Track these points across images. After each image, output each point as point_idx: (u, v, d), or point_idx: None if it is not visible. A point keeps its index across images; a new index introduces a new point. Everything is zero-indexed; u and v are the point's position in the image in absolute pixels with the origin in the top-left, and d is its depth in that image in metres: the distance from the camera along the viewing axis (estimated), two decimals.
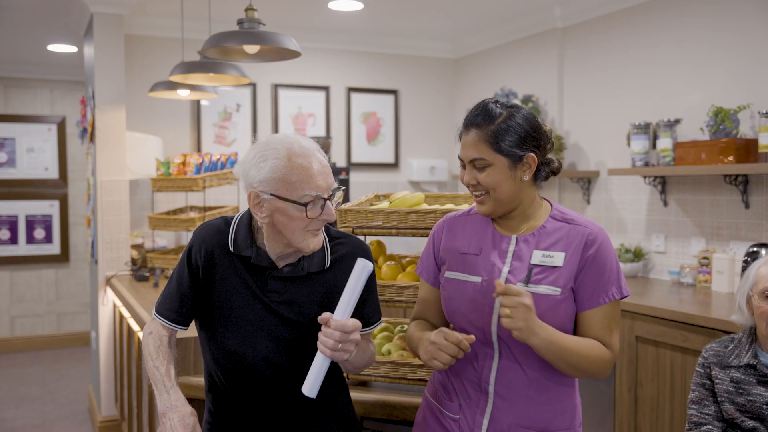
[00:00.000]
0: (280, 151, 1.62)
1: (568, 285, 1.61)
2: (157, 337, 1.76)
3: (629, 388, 3.39)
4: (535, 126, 1.64)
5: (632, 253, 4.15)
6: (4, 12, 4.68)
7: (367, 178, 5.74)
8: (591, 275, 1.61)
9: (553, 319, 1.59)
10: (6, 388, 5.60)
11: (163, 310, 1.78)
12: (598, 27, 4.55)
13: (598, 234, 1.64)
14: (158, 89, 4.09)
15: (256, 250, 1.71)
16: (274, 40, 2.80)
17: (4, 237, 6.70)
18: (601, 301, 1.61)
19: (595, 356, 1.59)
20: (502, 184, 1.63)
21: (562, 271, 1.61)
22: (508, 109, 1.64)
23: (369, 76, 5.77)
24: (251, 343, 1.72)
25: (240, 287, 1.72)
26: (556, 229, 1.66)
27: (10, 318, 6.78)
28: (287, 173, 1.61)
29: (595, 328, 1.62)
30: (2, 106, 6.71)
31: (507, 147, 1.61)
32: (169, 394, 1.64)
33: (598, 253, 1.62)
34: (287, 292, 1.71)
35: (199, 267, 1.74)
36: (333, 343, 1.54)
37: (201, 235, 1.77)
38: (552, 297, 1.60)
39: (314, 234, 1.66)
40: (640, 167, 3.94)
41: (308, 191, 1.61)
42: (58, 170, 6.87)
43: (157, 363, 1.71)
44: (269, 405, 1.77)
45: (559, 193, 4.87)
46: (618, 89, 4.41)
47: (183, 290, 1.76)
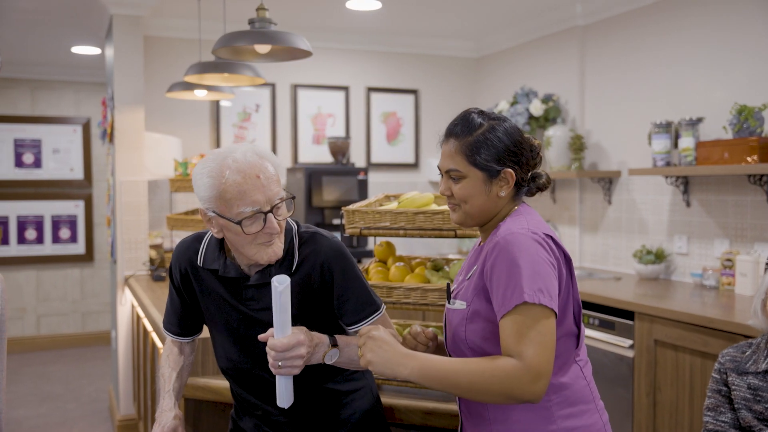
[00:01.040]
0: (214, 168, 1.60)
1: (471, 295, 1.56)
2: (168, 347, 1.90)
3: (648, 393, 3.32)
4: (516, 141, 1.58)
5: (654, 255, 4.07)
6: (28, 15, 4.74)
7: (386, 178, 5.71)
8: (494, 284, 1.48)
9: (467, 333, 1.55)
10: (30, 386, 5.68)
11: (166, 323, 1.90)
12: (619, 24, 4.47)
13: (501, 240, 1.49)
14: (175, 90, 4.11)
15: (224, 262, 1.72)
16: (285, 40, 2.79)
17: (31, 237, 6.79)
18: (503, 310, 1.44)
19: (495, 368, 1.39)
20: (475, 197, 1.58)
21: (469, 284, 1.59)
22: (491, 121, 1.58)
23: (389, 76, 5.75)
24: (240, 352, 1.75)
25: (218, 300, 1.75)
26: (490, 239, 1.59)
27: (36, 317, 6.88)
28: (222, 191, 1.59)
29: (504, 339, 1.43)
30: (29, 108, 6.81)
31: (483, 160, 1.55)
32: (164, 399, 1.76)
33: (498, 260, 1.48)
34: (263, 298, 1.71)
35: (179, 284, 1.81)
36: (272, 362, 1.55)
37: (175, 253, 1.83)
38: (461, 311, 1.57)
39: (266, 245, 1.64)
40: (661, 167, 3.86)
41: (244, 207, 1.58)
42: (83, 171, 6.95)
43: (164, 370, 1.84)
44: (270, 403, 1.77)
45: (580, 193, 4.79)
46: (639, 87, 4.33)
47: (175, 306, 1.86)
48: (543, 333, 1.40)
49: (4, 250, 6.70)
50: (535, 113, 4.79)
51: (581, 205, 4.80)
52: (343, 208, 2.37)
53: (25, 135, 6.76)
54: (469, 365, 1.42)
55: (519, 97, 4.94)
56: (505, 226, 1.54)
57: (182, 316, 1.85)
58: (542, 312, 1.41)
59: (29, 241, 6.78)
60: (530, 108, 4.81)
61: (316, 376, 1.77)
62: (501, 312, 1.44)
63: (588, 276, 4.35)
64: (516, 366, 1.38)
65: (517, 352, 1.39)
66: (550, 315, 1.42)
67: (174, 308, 1.86)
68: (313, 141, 5.54)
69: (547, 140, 4.71)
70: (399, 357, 1.44)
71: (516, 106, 4.90)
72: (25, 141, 6.76)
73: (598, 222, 4.66)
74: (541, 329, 1.40)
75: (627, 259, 4.40)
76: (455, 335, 1.57)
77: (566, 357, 1.55)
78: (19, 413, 5.01)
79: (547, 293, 1.42)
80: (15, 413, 5.01)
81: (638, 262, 4.10)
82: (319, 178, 4.95)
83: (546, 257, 1.46)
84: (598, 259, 4.66)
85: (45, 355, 6.67)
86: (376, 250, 2.63)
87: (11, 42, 5.57)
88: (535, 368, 1.38)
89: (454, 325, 1.57)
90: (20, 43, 5.63)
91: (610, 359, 3.53)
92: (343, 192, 4.99)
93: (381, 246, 2.62)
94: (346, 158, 5.28)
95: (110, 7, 4.31)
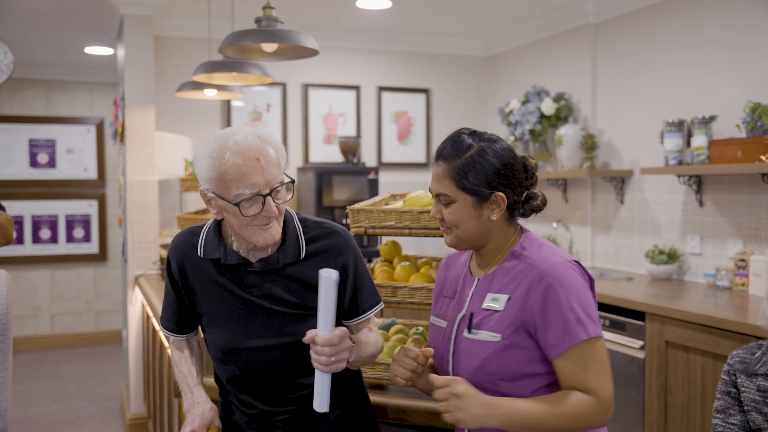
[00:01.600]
0: (215, 149, 1.60)
1: (509, 329, 1.50)
2: (176, 344, 1.89)
3: (659, 395, 3.27)
4: (507, 163, 1.52)
5: (666, 255, 4.02)
6: (42, 16, 4.78)
7: (398, 177, 5.69)
8: (545, 320, 1.46)
9: (498, 366, 1.50)
10: (44, 384, 5.72)
11: (163, 321, 1.88)
12: (631, 22, 4.42)
13: (547, 274, 1.48)
14: (185, 89, 4.11)
15: (224, 250, 1.71)
16: (291, 38, 2.78)
17: (45, 236, 6.84)
18: (564, 346, 1.45)
19: (576, 410, 1.43)
20: (465, 222, 1.54)
21: (502, 315, 1.51)
22: (481, 142, 1.53)
23: (400, 75, 5.73)
24: (243, 342, 1.73)
25: (218, 290, 1.74)
26: (510, 267, 1.55)
27: (51, 315, 6.93)
28: (222, 172, 1.59)
29: (569, 376, 1.46)
30: (44, 109, 6.86)
31: (472, 185, 1.51)
32: (192, 392, 1.75)
33: (548, 296, 1.46)
34: (265, 285, 1.71)
35: (176, 279, 1.80)
36: (326, 359, 1.54)
37: (172, 247, 1.81)
38: (492, 343, 1.51)
39: (263, 228, 1.64)
40: (673, 166, 3.81)
41: (242, 189, 1.58)
42: (97, 171, 6.99)
43: (181, 367, 1.84)
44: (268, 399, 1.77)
45: (592, 193, 4.75)
46: (652, 85, 4.28)
47: (172, 302, 1.84)
48: (603, 362, 1.47)
49: (19, 249, 6.75)
50: (546, 112, 4.75)
51: (593, 205, 4.76)
52: (348, 207, 2.36)
53: (39, 135, 6.81)
54: (554, 410, 1.43)
55: (530, 95, 4.90)
56: (535, 255, 1.52)
57: (180, 313, 1.83)
58: (597, 341, 1.47)
59: (44, 240, 6.84)
60: (542, 107, 4.77)
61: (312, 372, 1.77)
62: (562, 348, 1.45)
63: (600, 276, 4.31)
64: (593, 403, 1.44)
65: (590, 389, 1.45)
66: (601, 340, 1.48)
67: (171, 305, 1.83)
68: (324, 140, 5.53)
69: (559, 139, 4.67)
70: (485, 409, 1.42)
71: (527, 105, 4.87)
72: (40, 141, 6.81)
73: (610, 222, 4.61)
74: (602, 359, 1.47)
75: (639, 259, 4.36)
76: (482, 368, 1.51)
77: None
78: (32, 411, 5.05)
79: (597, 321, 1.49)
80: (28, 411, 5.05)
81: (650, 263, 4.06)
82: (330, 177, 4.94)
83: (585, 285, 1.52)
84: (610, 260, 4.62)
85: (59, 354, 6.71)
86: (381, 249, 2.61)
87: (26, 43, 5.61)
88: (607, 400, 1.46)
89: (482, 358, 1.51)
90: (35, 44, 5.67)
91: (621, 360, 3.49)
92: (353, 192, 4.99)
93: (387, 245, 2.61)
94: (357, 158, 5.27)
95: (121, 7, 4.33)
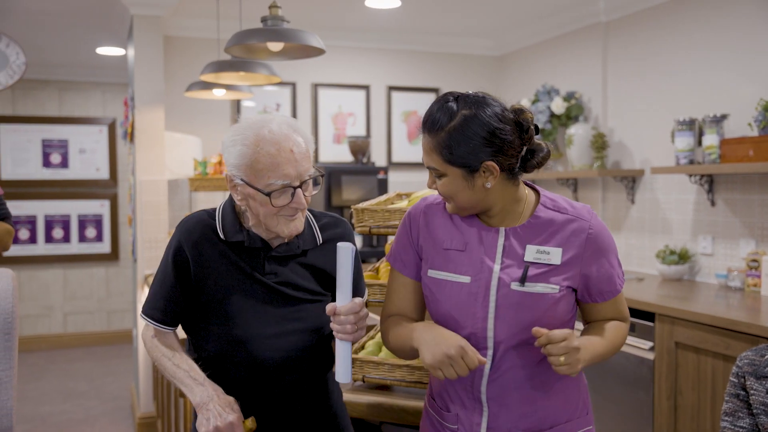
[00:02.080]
0: (249, 137, 1.60)
1: (566, 282, 1.52)
2: (162, 339, 1.73)
3: (668, 396, 3.24)
4: (493, 130, 1.44)
5: (677, 255, 3.98)
6: (54, 17, 4.80)
7: (408, 177, 5.68)
8: (598, 271, 1.56)
9: (552, 318, 1.51)
10: (55, 383, 5.75)
11: (148, 309, 1.73)
12: (642, 20, 4.38)
13: (597, 225, 1.57)
14: (194, 89, 4.12)
15: (247, 233, 1.69)
16: (297, 37, 2.77)
17: (58, 236, 6.89)
18: (613, 292, 1.60)
19: (623, 336, 1.65)
20: (459, 193, 1.51)
21: (560, 269, 1.52)
22: (465, 110, 1.45)
23: (410, 75, 5.71)
24: (257, 328, 1.68)
25: (236, 274, 1.68)
26: (549, 219, 1.54)
27: (63, 315, 6.97)
28: (254, 161, 1.58)
29: (609, 313, 1.64)
30: (57, 109, 6.91)
31: (459, 158, 1.46)
32: (204, 385, 1.61)
33: (602, 249, 1.56)
34: (284, 272, 1.70)
35: (188, 262, 1.68)
36: (351, 326, 1.56)
37: (186, 228, 1.70)
38: (551, 296, 1.50)
39: (289, 219, 1.64)
40: (684, 165, 3.77)
41: (274, 179, 1.58)
42: (109, 171, 7.03)
43: (177, 360, 1.67)
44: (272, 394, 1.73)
45: (603, 192, 4.71)
46: (663, 84, 4.24)
47: (167, 289, 1.70)
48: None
49: (32, 248, 6.80)
50: (556, 111, 4.72)
51: (604, 205, 4.72)
52: (352, 207, 2.34)
53: (52, 135, 6.86)
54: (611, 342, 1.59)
55: (540, 95, 4.87)
56: (575, 207, 1.57)
57: (171, 301, 1.70)
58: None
59: (56, 240, 6.88)
60: (551, 106, 4.74)
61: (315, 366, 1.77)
62: (612, 295, 1.59)
63: None
64: (626, 326, 1.67)
65: (624, 316, 1.66)
66: None
67: (166, 292, 1.69)
68: (333, 140, 5.53)
69: (569, 138, 4.64)
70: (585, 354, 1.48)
71: (537, 104, 4.84)
72: (53, 141, 6.86)
73: (621, 222, 4.57)
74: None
75: (650, 259, 4.31)
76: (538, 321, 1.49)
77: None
78: (44, 409, 5.08)
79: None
80: (40, 409, 5.08)
81: (661, 263, 4.01)
82: (339, 177, 4.93)
83: None
84: (621, 260, 4.56)
85: (71, 353, 6.75)
86: (387, 249, 2.60)
87: (39, 44, 5.64)
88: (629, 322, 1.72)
89: (539, 311, 1.49)
90: (47, 45, 5.71)
91: (630, 361, 3.45)
92: (363, 191, 4.97)
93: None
94: (367, 157, 5.26)
95: (131, 8, 4.34)
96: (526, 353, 1.53)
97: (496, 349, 1.53)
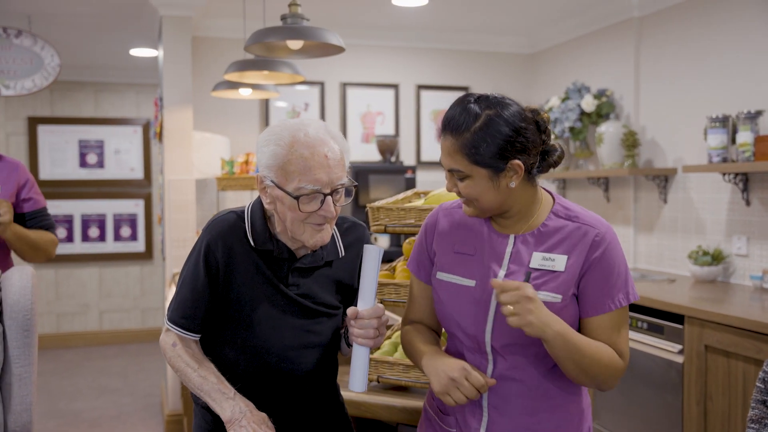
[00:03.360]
0: (284, 138, 1.56)
1: (569, 291, 1.46)
2: (184, 348, 1.69)
3: (698, 402, 3.14)
4: (518, 128, 1.43)
5: (711, 256, 3.86)
6: (87, 19, 4.88)
7: (437, 176, 5.63)
8: (597, 279, 1.47)
9: None
10: (90, 380, 5.85)
11: (177, 318, 1.68)
12: (676, 15, 4.27)
13: (606, 234, 1.48)
14: (220, 89, 4.14)
15: (276, 243, 1.66)
16: (315, 35, 2.76)
17: (94, 235, 7.01)
18: (608, 307, 1.47)
19: (608, 362, 1.45)
20: (484, 195, 1.47)
21: (563, 276, 1.46)
22: (488, 110, 1.44)
23: (439, 73, 5.67)
24: (276, 340, 1.66)
25: (261, 282, 1.66)
26: (558, 227, 1.50)
27: (99, 312, 7.09)
28: (286, 162, 1.55)
29: (604, 334, 1.48)
30: (93, 110, 7.02)
31: (485, 158, 1.43)
32: (235, 400, 1.58)
33: (605, 256, 1.47)
34: (305, 283, 1.68)
35: (218, 265, 1.64)
36: (373, 331, 1.53)
37: (217, 231, 1.66)
38: (552, 304, 1.45)
39: (316, 228, 1.59)
40: (716, 163, 3.66)
41: (305, 184, 1.54)
42: (143, 170, 7.12)
43: (203, 372, 1.63)
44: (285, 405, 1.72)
45: (635, 192, 4.60)
46: (696, 80, 4.12)
47: (198, 294, 1.65)
48: (627, 329, 1.52)
49: (69, 247, 6.93)
50: (586, 109, 4.63)
51: (636, 204, 4.61)
52: (367, 205, 2.32)
53: (88, 136, 6.98)
54: (593, 349, 1.44)
55: (570, 92, 4.78)
56: (590, 217, 1.51)
57: (200, 307, 1.66)
58: (628, 308, 1.52)
59: (92, 238, 7.00)
60: (582, 104, 4.65)
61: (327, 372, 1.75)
62: (603, 309, 1.47)
63: (641, 278, 4.17)
64: (621, 363, 1.48)
65: (621, 351, 1.48)
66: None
67: (195, 296, 1.64)
68: (362, 139, 5.51)
69: (599, 137, 4.54)
70: (548, 318, 1.38)
71: (567, 102, 4.75)
72: (89, 142, 6.98)
73: (653, 222, 4.47)
74: (627, 325, 1.52)
75: (683, 260, 4.20)
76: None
77: None
78: (78, 405, 5.16)
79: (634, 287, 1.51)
80: (74, 405, 5.17)
81: (693, 264, 3.90)
82: (366, 176, 4.92)
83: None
84: (653, 261, 4.47)
85: (106, 350, 6.87)
86: (404, 247, 2.56)
87: (75, 47, 5.75)
88: (626, 365, 1.50)
89: None
90: (83, 47, 5.81)
91: (659, 365, 3.36)
92: (390, 191, 4.95)
93: (409, 244, 2.56)
94: (395, 156, 5.23)
95: (160, 9, 4.39)
96: (527, 362, 1.50)
97: (496, 356, 1.51)
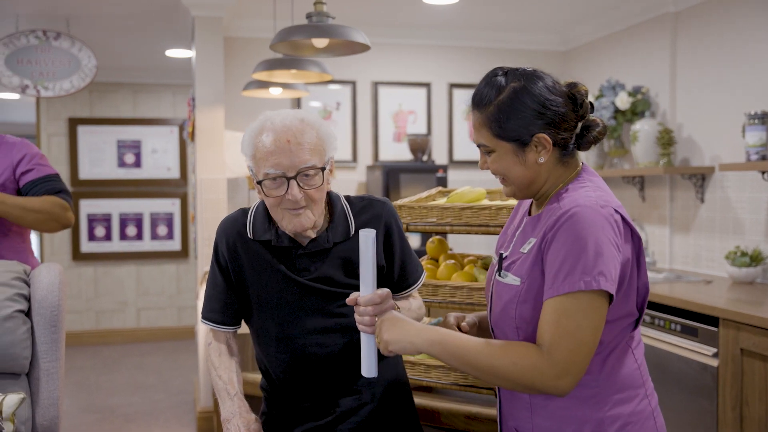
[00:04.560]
0: (255, 128, 1.63)
1: (529, 273, 1.41)
2: (216, 347, 1.79)
3: (734, 407, 3.05)
4: (544, 101, 1.39)
5: (749, 257, 3.75)
6: (122, 21, 4.96)
7: (469, 175, 5.58)
8: (549, 260, 1.35)
9: (518, 312, 1.41)
10: (127, 376, 5.94)
11: (206, 312, 1.79)
12: (713, 9, 4.16)
13: (565, 213, 1.35)
14: (250, 88, 4.17)
15: (275, 231, 1.69)
16: (341, 33, 2.76)
17: (131, 233, 7.12)
18: (552, 291, 1.32)
19: (518, 358, 1.31)
20: (511, 170, 1.45)
21: (526, 258, 1.43)
22: (514, 83, 1.41)
23: (472, 72, 5.61)
24: (297, 326, 1.70)
25: (271, 273, 1.70)
26: (549, 210, 1.44)
27: (137, 310, 7.21)
28: (255, 150, 1.61)
29: (542, 324, 1.33)
30: (131, 111, 7.14)
31: (508, 131, 1.41)
32: (233, 401, 1.66)
33: (559, 235, 1.34)
34: (317, 268, 1.69)
35: (227, 262, 1.74)
36: (370, 319, 1.50)
37: (222, 228, 1.77)
38: (513, 287, 1.43)
39: (293, 213, 1.62)
40: (755, 161, 3.55)
41: (266, 169, 1.59)
42: (179, 170, 7.21)
43: (220, 372, 1.73)
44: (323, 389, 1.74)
45: (671, 191, 4.50)
46: (735, 76, 4.01)
47: (219, 290, 1.77)
48: (583, 327, 1.29)
49: (108, 245, 7.05)
50: (621, 106, 4.54)
51: (672, 204, 4.50)
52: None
53: (126, 136, 7.10)
54: (492, 347, 1.33)
55: (605, 90, 4.70)
56: (569, 197, 1.39)
57: (226, 302, 1.76)
58: (595, 300, 1.30)
59: (130, 237, 7.12)
60: (616, 101, 4.56)
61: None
62: (550, 293, 1.32)
63: (676, 279, 4.07)
64: (542, 358, 1.30)
65: (549, 343, 1.30)
66: (603, 303, 1.31)
67: (217, 293, 1.76)
68: (393, 138, 5.49)
69: (634, 135, 4.45)
70: (415, 330, 1.39)
71: (601, 100, 4.66)
72: (127, 142, 7.10)
73: (689, 222, 4.36)
74: (583, 323, 1.29)
75: (720, 261, 4.09)
76: (505, 312, 1.45)
77: (619, 340, 1.43)
78: (114, 401, 5.25)
79: (609, 277, 1.30)
80: (110, 401, 5.26)
81: (731, 265, 3.80)
82: (397, 175, 4.90)
83: (612, 237, 1.33)
84: (690, 262, 4.36)
85: (143, 347, 6.97)
86: (428, 247, 2.56)
87: (113, 49, 5.85)
88: (562, 364, 1.29)
89: (505, 301, 1.44)
90: (121, 49, 5.91)
91: (693, 368, 3.28)
92: (421, 190, 4.92)
93: (433, 243, 2.55)
94: (427, 155, 5.20)
95: (192, 9, 4.43)
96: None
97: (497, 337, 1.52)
